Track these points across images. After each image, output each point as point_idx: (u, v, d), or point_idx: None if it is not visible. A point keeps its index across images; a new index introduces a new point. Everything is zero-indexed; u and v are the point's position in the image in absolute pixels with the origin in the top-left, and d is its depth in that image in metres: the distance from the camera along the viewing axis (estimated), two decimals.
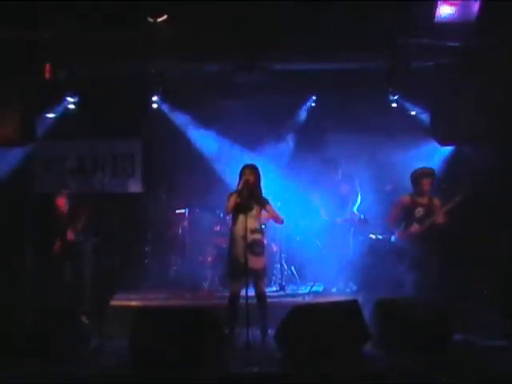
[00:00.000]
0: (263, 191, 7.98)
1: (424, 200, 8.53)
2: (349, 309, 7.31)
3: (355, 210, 10.13)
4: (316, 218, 10.22)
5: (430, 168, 8.71)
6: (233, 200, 7.78)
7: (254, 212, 7.80)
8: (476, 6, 7.72)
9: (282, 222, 8.19)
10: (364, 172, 10.41)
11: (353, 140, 10.94)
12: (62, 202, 8.91)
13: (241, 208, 7.76)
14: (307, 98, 11.12)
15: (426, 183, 8.51)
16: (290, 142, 11.33)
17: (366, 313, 7.37)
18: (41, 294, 8.95)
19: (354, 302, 7.58)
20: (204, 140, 11.23)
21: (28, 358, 6.68)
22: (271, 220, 8.26)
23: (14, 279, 9.03)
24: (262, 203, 7.88)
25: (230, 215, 7.96)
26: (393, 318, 7.26)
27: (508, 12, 7.80)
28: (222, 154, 11.13)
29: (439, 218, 8.39)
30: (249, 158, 9.55)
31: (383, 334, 7.22)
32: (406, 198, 8.66)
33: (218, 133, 11.13)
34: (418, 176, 8.56)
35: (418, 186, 8.54)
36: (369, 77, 9.77)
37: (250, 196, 7.81)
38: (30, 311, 7.41)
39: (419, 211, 8.45)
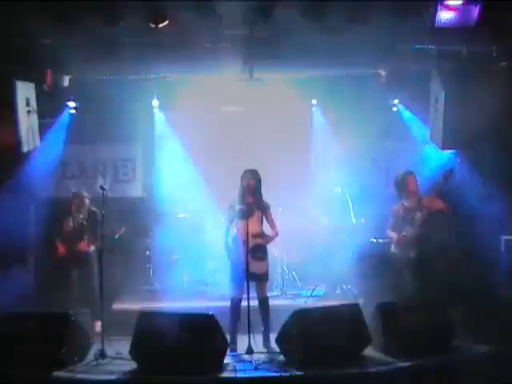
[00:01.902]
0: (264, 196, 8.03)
1: (412, 203, 8.38)
2: (350, 312, 7.34)
3: (352, 214, 10.18)
4: (317, 223, 10.26)
5: (410, 171, 8.56)
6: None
7: (255, 217, 7.83)
8: (475, 11, 7.74)
9: (277, 235, 8.11)
10: (365, 176, 10.44)
11: (354, 144, 10.95)
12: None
13: (243, 213, 7.79)
14: (308, 103, 11.12)
15: (411, 181, 8.38)
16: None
17: (367, 316, 7.40)
18: (44, 298, 8.96)
19: (355, 305, 7.61)
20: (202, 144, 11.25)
21: (29, 360, 6.69)
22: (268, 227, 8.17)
23: (17, 281, 9.03)
24: (264, 208, 7.92)
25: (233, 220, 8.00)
26: (393, 321, 7.29)
27: (507, 17, 7.83)
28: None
29: (437, 204, 8.22)
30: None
31: (384, 337, 7.24)
32: (399, 206, 8.54)
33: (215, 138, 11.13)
34: (401, 179, 8.45)
35: (405, 188, 8.43)
36: (369, 81, 9.82)
37: (253, 200, 7.84)
38: (33, 314, 7.40)
39: (411, 215, 8.34)
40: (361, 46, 8.45)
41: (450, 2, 7.69)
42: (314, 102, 11.19)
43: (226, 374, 6.71)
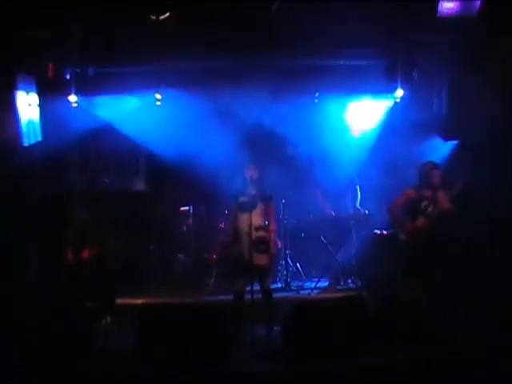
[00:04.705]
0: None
1: (428, 193, 8.39)
2: (354, 305, 7.32)
3: (358, 205, 10.15)
4: (320, 214, 10.24)
5: (435, 162, 8.62)
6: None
7: (258, 209, 7.81)
8: (478, 1, 7.71)
9: (274, 231, 8.06)
10: (368, 167, 10.41)
11: (355, 136, 10.92)
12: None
13: (246, 206, 7.78)
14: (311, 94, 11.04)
15: (437, 175, 8.39)
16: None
17: (371, 308, 7.38)
18: (45, 293, 8.96)
19: (359, 297, 7.60)
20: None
21: (31, 356, 6.69)
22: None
23: (18, 277, 9.03)
24: (266, 200, 7.90)
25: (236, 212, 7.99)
26: (397, 313, 7.27)
27: (510, 6, 7.79)
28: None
29: (445, 205, 8.24)
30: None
31: (388, 329, 7.22)
32: (411, 191, 8.53)
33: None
34: (427, 169, 8.45)
35: (428, 178, 8.43)
36: (371, 72, 9.78)
37: (256, 192, 7.83)
38: (34, 310, 7.41)
39: (425, 204, 8.36)
40: (363, 36, 8.42)
41: None
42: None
43: (229, 368, 6.71)
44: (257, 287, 7.77)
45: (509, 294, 8.10)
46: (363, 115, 10.72)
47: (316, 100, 10.96)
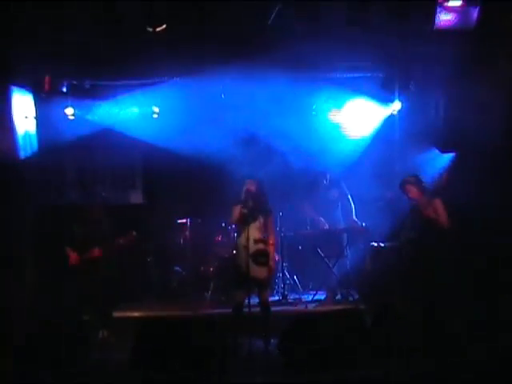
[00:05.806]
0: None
1: (418, 206, 8.41)
2: (351, 317, 7.30)
3: (355, 217, 10.13)
4: (317, 227, 10.21)
5: (412, 176, 8.60)
6: (237, 211, 7.79)
7: (257, 222, 7.79)
8: (475, 13, 7.74)
9: (272, 244, 8.01)
10: (365, 179, 10.40)
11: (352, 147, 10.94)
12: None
13: (245, 218, 7.76)
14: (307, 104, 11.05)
15: (410, 190, 8.42)
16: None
17: (368, 320, 7.36)
18: (45, 303, 8.91)
19: (357, 310, 7.58)
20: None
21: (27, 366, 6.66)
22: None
23: (14, 288, 8.98)
24: (265, 213, 7.88)
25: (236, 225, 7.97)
26: (394, 325, 7.25)
27: (507, 18, 7.83)
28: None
29: (436, 216, 8.22)
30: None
31: (385, 341, 7.20)
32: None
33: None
34: (401, 184, 8.53)
35: (405, 194, 8.50)
36: (368, 85, 9.82)
37: (255, 206, 7.81)
38: (33, 319, 7.38)
39: (412, 217, 8.41)
40: (361, 49, 8.45)
41: (449, 4, 7.70)
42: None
43: (226, 380, 6.67)
44: (255, 299, 7.76)
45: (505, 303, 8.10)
46: (359, 122, 10.78)
47: (314, 113, 11.01)
